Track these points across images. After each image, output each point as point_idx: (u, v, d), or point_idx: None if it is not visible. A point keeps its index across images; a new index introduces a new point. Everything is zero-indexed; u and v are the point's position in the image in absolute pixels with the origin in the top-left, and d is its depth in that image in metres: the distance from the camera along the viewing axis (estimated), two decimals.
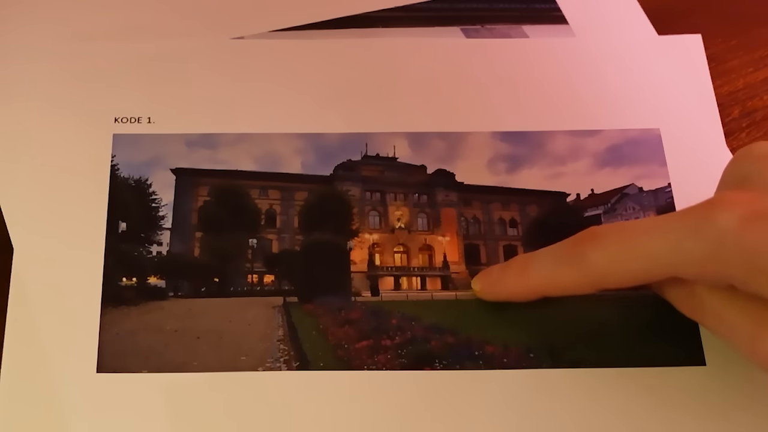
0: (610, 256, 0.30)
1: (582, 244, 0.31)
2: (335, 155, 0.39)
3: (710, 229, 0.27)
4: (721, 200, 0.27)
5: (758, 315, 0.27)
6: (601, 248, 0.30)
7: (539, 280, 0.32)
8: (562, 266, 0.31)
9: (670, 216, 0.29)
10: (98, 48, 0.42)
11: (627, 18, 0.45)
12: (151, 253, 0.37)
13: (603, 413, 0.33)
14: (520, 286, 0.33)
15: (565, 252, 0.31)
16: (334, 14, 0.44)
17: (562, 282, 0.32)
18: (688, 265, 0.28)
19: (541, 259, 0.32)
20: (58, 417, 0.32)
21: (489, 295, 0.35)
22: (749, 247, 0.26)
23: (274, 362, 0.33)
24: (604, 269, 0.30)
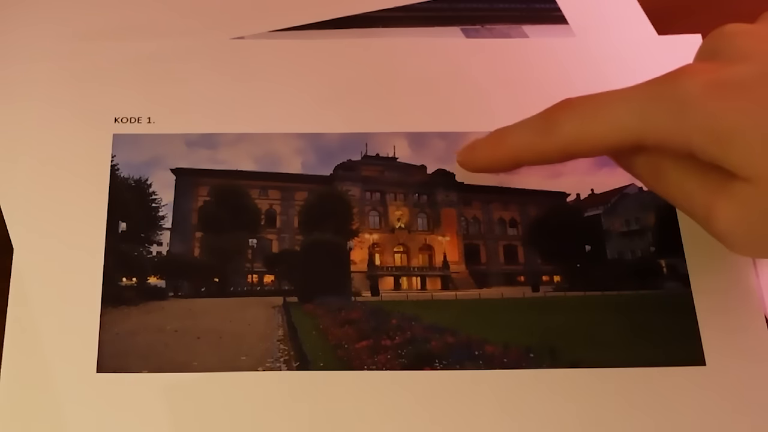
0: (581, 123, 0.31)
1: (555, 112, 0.32)
2: (335, 155, 0.39)
3: (674, 96, 0.28)
4: (686, 69, 0.28)
5: (715, 184, 0.28)
6: (572, 116, 0.31)
7: (515, 148, 0.33)
8: (536, 134, 0.32)
9: (639, 85, 0.30)
10: (98, 48, 0.41)
11: (627, 18, 0.45)
12: (151, 253, 0.37)
13: (603, 413, 0.33)
14: (497, 154, 0.33)
15: (540, 121, 0.32)
16: (334, 14, 0.44)
17: (535, 149, 0.32)
18: (652, 132, 0.29)
19: (517, 128, 0.33)
20: (58, 416, 0.32)
21: (469, 165, 0.34)
22: (709, 112, 0.27)
23: (274, 362, 0.33)
24: (575, 136, 0.31)
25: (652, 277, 0.36)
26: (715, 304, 0.35)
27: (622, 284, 0.36)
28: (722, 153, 0.27)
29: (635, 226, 0.39)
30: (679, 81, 0.28)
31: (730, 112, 0.26)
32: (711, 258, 0.36)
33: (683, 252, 0.37)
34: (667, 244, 0.37)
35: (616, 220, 0.39)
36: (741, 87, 0.27)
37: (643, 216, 0.38)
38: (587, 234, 0.39)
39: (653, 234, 0.38)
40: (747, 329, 0.35)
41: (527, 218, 0.39)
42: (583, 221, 0.39)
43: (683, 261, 0.36)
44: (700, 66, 0.28)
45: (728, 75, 0.27)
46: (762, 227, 0.27)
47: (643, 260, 0.37)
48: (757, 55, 0.28)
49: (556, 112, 0.32)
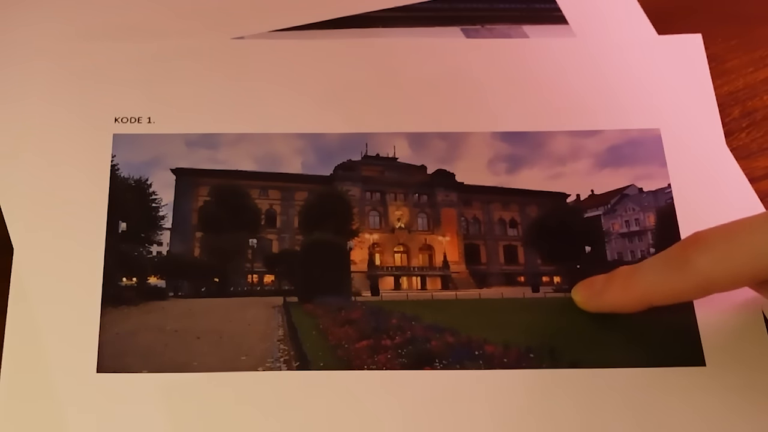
0: (717, 257, 0.29)
1: (687, 248, 0.30)
2: (335, 155, 0.39)
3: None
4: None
5: None
6: (707, 251, 0.29)
7: (645, 290, 0.32)
8: (668, 273, 0.31)
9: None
10: (99, 48, 0.41)
11: (627, 18, 0.45)
12: (151, 253, 0.37)
13: (603, 413, 0.33)
14: (626, 297, 0.33)
15: (671, 259, 0.31)
16: (334, 14, 0.44)
17: (669, 290, 0.31)
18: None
19: (647, 268, 0.32)
20: (59, 416, 0.32)
21: (592, 307, 0.34)
22: None
23: (274, 362, 0.33)
24: (712, 272, 0.29)
25: None
26: (715, 304, 0.35)
27: None
28: None
29: (635, 227, 0.39)
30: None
31: None
32: None
33: None
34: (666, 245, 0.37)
35: (616, 221, 0.39)
36: None
37: (642, 217, 0.38)
38: (587, 235, 0.39)
39: (653, 235, 0.38)
40: (747, 329, 0.35)
41: (527, 219, 0.39)
42: (583, 222, 0.39)
43: None
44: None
45: None
46: None
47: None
48: None
49: (689, 248, 0.30)
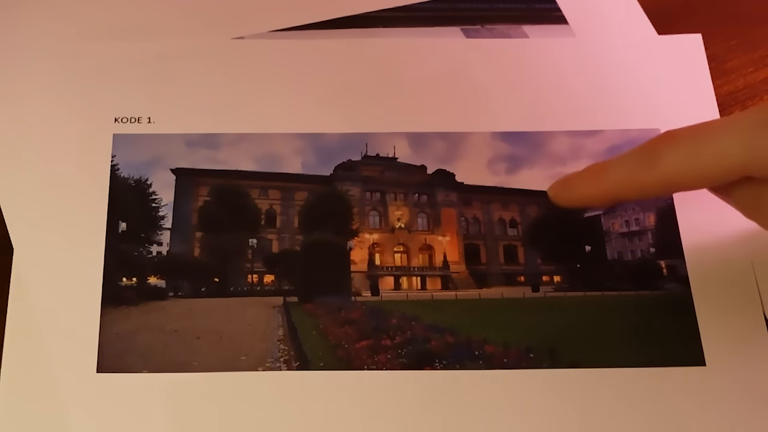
0: (685, 155, 0.30)
1: (657, 145, 0.31)
2: (335, 155, 0.39)
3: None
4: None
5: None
6: (675, 148, 0.30)
7: (615, 183, 0.32)
8: (637, 168, 0.31)
9: (744, 112, 0.29)
10: (99, 48, 0.41)
11: (627, 18, 0.45)
12: (151, 253, 0.37)
13: (603, 413, 0.33)
14: (595, 190, 0.33)
15: (641, 154, 0.31)
16: (334, 14, 0.44)
17: (636, 184, 0.31)
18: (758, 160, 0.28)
19: (617, 162, 0.32)
20: (59, 416, 0.32)
21: (563, 200, 0.33)
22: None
23: (274, 362, 0.33)
24: (679, 168, 0.30)
25: (652, 278, 0.36)
26: (714, 304, 0.35)
27: (621, 285, 0.36)
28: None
29: (635, 226, 0.39)
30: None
31: None
32: (711, 259, 0.36)
33: (683, 253, 0.37)
34: (666, 245, 0.37)
35: (616, 221, 0.39)
36: None
37: (642, 217, 0.38)
38: (587, 234, 0.39)
39: (653, 235, 0.38)
40: (747, 329, 0.35)
41: (527, 218, 0.39)
42: (583, 222, 0.39)
43: (683, 262, 0.36)
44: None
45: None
46: None
47: (642, 261, 0.37)
48: None
49: (659, 145, 0.30)
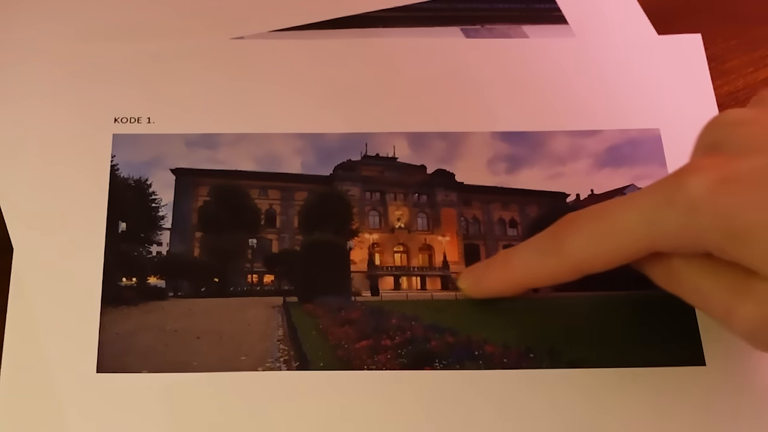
0: (588, 239, 0.30)
1: (560, 231, 0.31)
2: (335, 155, 0.39)
3: (682, 197, 0.26)
4: (691, 167, 0.27)
5: (733, 283, 0.27)
6: (578, 233, 0.30)
7: (522, 273, 0.32)
8: (543, 256, 0.31)
9: (643, 190, 0.29)
10: (98, 48, 0.42)
11: (627, 18, 0.45)
12: (151, 253, 0.37)
13: (603, 413, 0.33)
14: (505, 281, 0.33)
15: (545, 242, 0.31)
16: (334, 14, 0.44)
17: (545, 273, 0.31)
18: (664, 237, 0.28)
19: (523, 251, 0.32)
20: (58, 417, 0.32)
21: (476, 292, 0.34)
22: (721, 212, 0.25)
23: (274, 362, 0.33)
24: (584, 253, 0.30)
25: None
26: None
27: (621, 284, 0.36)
28: (741, 252, 0.26)
29: None
30: (685, 182, 0.26)
31: (744, 210, 0.25)
32: None
33: None
34: None
35: None
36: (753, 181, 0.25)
37: None
38: None
39: None
40: None
41: (527, 218, 0.39)
42: None
43: None
44: (705, 162, 0.27)
45: (737, 169, 0.26)
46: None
47: None
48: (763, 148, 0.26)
49: (562, 231, 0.30)
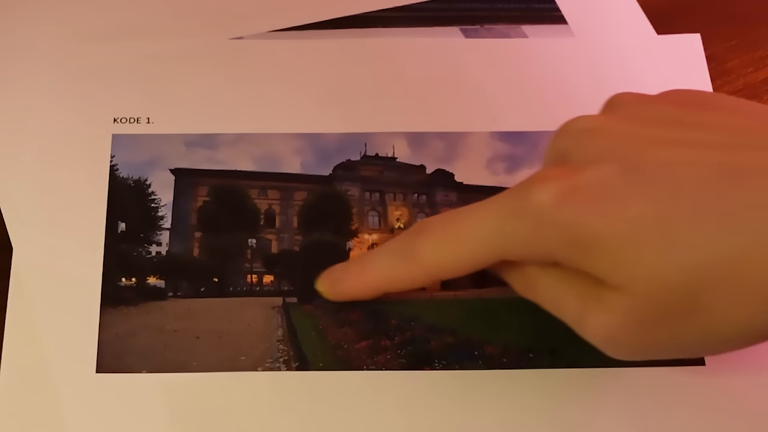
0: (440, 247, 0.30)
1: (413, 238, 0.31)
2: (334, 155, 0.39)
3: (529, 208, 0.27)
4: (537, 178, 0.27)
5: (584, 292, 0.27)
6: (430, 240, 0.30)
7: (378, 278, 0.32)
8: (397, 263, 0.31)
9: (493, 199, 0.29)
10: (97, 48, 0.42)
11: (626, 18, 0.45)
12: (151, 253, 0.36)
13: (603, 413, 0.33)
14: (362, 285, 0.33)
15: (399, 248, 0.31)
16: (333, 14, 0.44)
17: (400, 277, 0.32)
18: (512, 247, 0.28)
19: (379, 256, 0.32)
20: (58, 417, 0.32)
21: (333, 295, 0.34)
22: (566, 222, 0.26)
23: (274, 362, 0.33)
24: (437, 260, 0.30)
25: None
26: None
27: None
28: (587, 263, 0.26)
29: None
30: (532, 193, 0.27)
31: (589, 220, 0.25)
32: None
33: None
34: None
35: None
36: (596, 191, 0.26)
37: None
38: None
39: None
40: None
41: None
42: None
43: None
44: (550, 172, 0.27)
45: (581, 180, 0.26)
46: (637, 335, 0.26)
47: None
48: (609, 156, 0.27)
49: (414, 238, 0.31)
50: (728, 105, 0.29)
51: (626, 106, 0.30)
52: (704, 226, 0.24)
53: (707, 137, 0.26)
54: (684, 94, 0.30)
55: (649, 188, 0.25)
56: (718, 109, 0.28)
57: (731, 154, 0.25)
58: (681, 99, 0.30)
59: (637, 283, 0.25)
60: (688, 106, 0.29)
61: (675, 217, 0.24)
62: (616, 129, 0.28)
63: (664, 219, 0.25)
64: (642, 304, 0.25)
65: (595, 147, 0.27)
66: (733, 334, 0.26)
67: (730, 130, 0.27)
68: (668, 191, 0.25)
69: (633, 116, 0.29)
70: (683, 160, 0.25)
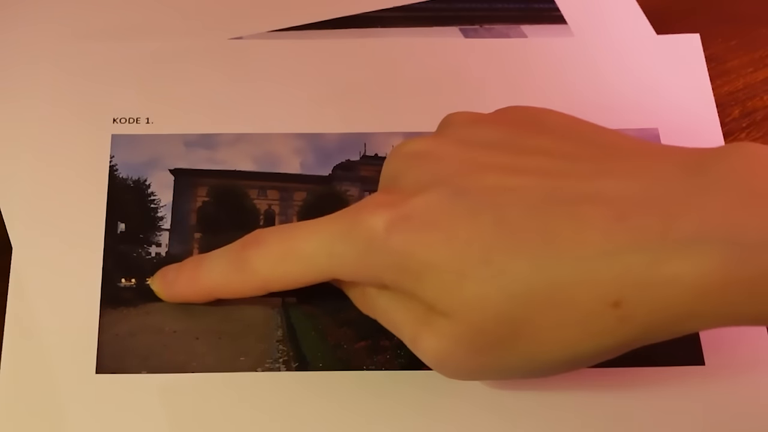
0: (271, 261, 0.30)
1: (246, 249, 0.31)
2: (334, 155, 0.39)
3: (358, 234, 0.27)
4: (368, 203, 0.28)
5: (418, 315, 0.28)
6: (263, 254, 0.30)
7: (209, 284, 0.32)
8: (229, 271, 0.32)
9: (328, 219, 0.29)
10: (97, 48, 0.41)
11: (626, 17, 0.45)
12: (150, 254, 0.36)
13: (602, 413, 0.33)
14: (193, 289, 0.33)
15: (232, 257, 0.32)
16: (333, 14, 0.44)
17: (230, 286, 0.32)
18: (341, 268, 0.29)
19: (211, 262, 0.33)
20: (57, 418, 0.32)
21: (166, 297, 0.34)
22: (395, 250, 0.26)
23: (273, 363, 0.33)
24: (268, 273, 0.30)
25: None
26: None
27: None
28: (417, 289, 0.27)
29: None
30: (362, 218, 0.27)
31: (417, 249, 0.26)
32: None
33: None
34: None
35: None
36: (424, 219, 0.26)
37: None
38: None
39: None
40: (746, 329, 0.35)
41: None
42: None
43: None
44: (380, 199, 0.28)
45: (410, 207, 0.27)
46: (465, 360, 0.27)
47: None
48: (437, 182, 0.27)
49: (247, 249, 0.31)
50: (560, 126, 0.29)
51: (458, 128, 0.30)
52: (527, 255, 0.25)
53: (534, 163, 0.27)
54: (518, 112, 0.31)
55: (475, 215, 0.26)
56: (550, 133, 0.29)
57: (556, 181, 0.26)
58: (514, 119, 0.30)
59: (463, 310, 0.26)
60: (520, 127, 0.29)
61: (499, 245, 0.25)
62: (445, 153, 0.28)
63: (488, 247, 0.25)
64: (468, 331, 0.26)
65: (425, 173, 0.28)
66: (557, 359, 0.26)
67: (558, 157, 0.27)
68: (493, 219, 0.25)
69: (463, 139, 0.29)
70: (509, 186, 0.26)
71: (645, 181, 0.25)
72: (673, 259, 0.23)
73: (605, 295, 0.24)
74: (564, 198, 0.25)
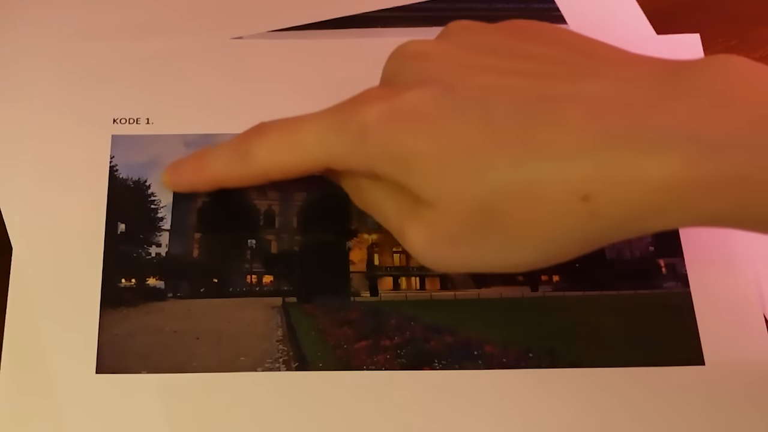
0: (272, 150, 0.32)
1: (249, 138, 0.33)
2: None
3: (353, 125, 0.29)
4: (364, 96, 0.29)
5: (405, 205, 0.29)
6: (265, 143, 0.32)
7: (214, 173, 0.34)
8: (233, 161, 0.33)
9: (326, 111, 0.31)
10: (97, 48, 0.41)
11: (626, 17, 0.45)
12: (150, 254, 0.36)
13: (602, 413, 0.33)
14: (198, 176, 0.35)
15: (236, 146, 0.33)
16: (333, 14, 0.44)
17: (234, 175, 0.33)
18: (337, 159, 0.30)
19: (217, 152, 0.34)
20: (57, 418, 0.32)
21: (174, 185, 0.36)
22: (387, 140, 0.28)
23: (274, 362, 0.33)
24: (268, 161, 0.32)
25: (651, 277, 0.36)
26: (714, 303, 0.35)
27: (621, 284, 0.36)
28: (405, 179, 0.28)
29: None
30: (357, 109, 0.29)
31: (405, 139, 0.27)
32: (710, 258, 0.36)
33: (682, 252, 0.37)
34: (665, 244, 0.37)
35: None
36: (414, 112, 0.27)
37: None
38: None
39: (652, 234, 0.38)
40: (746, 329, 0.35)
41: None
42: None
43: (682, 261, 0.36)
44: (377, 92, 0.29)
45: (402, 101, 0.28)
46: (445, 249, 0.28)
47: (641, 260, 0.37)
48: (431, 79, 0.28)
49: (251, 138, 0.32)
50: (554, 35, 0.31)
51: (459, 34, 0.32)
52: (508, 150, 0.26)
53: (523, 66, 0.28)
54: (517, 23, 0.32)
55: (462, 111, 0.27)
56: (543, 41, 0.30)
57: (542, 81, 0.27)
58: (516, 30, 0.31)
59: (444, 198, 0.27)
60: (516, 35, 0.31)
61: (482, 139, 0.26)
62: (443, 55, 0.30)
63: (473, 141, 0.26)
64: (448, 219, 0.27)
65: (421, 71, 0.29)
66: (530, 251, 0.27)
67: (546, 61, 0.28)
68: (479, 115, 0.26)
69: (463, 43, 0.30)
70: (497, 86, 0.27)
71: (624, 84, 0.26)
72: (640, 157, 0.24)
73: (576, 190, 0.25)
74: (547, 95, 0.26)
